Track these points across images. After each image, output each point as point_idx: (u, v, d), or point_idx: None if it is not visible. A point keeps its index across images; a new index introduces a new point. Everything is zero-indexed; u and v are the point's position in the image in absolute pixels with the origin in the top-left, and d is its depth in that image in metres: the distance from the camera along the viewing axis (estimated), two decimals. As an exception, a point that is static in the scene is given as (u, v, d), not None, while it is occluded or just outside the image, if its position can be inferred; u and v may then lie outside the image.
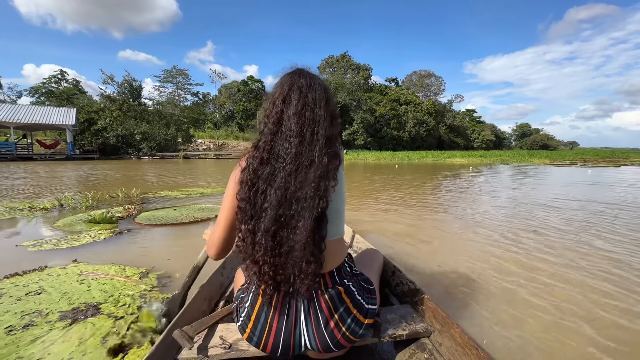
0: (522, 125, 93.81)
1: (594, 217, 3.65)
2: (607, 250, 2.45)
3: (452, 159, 21.95)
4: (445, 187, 6.79)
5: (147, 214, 3.65)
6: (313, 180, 0.79)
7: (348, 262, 1.01)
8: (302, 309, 0.87)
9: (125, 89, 30.47)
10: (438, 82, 56.48)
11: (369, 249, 1.52)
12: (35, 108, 23.15)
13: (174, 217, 3.50)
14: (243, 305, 0.93)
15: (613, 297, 1.68)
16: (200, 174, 10.21)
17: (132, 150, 26.26)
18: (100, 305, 1.54)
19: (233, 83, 46.54)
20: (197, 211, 3.83)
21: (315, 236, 0.80)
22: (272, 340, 0.87)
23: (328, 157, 0.82)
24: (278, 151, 0.82)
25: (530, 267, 2.11)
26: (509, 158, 21.77)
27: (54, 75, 34.87)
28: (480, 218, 3.63)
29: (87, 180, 8.00)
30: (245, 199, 0.82)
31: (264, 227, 0.80)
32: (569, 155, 24.73)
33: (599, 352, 1.25)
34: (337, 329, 0.88)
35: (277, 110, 0.84)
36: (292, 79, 0.87)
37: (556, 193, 5.73)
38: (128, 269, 2.00)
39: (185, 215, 3.55)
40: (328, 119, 0.86)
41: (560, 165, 15.82)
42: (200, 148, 32.73)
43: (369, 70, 45.55)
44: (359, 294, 0.94)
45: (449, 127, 53.72)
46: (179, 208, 4.03)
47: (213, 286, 1.37)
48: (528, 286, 1.82)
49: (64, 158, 20.95)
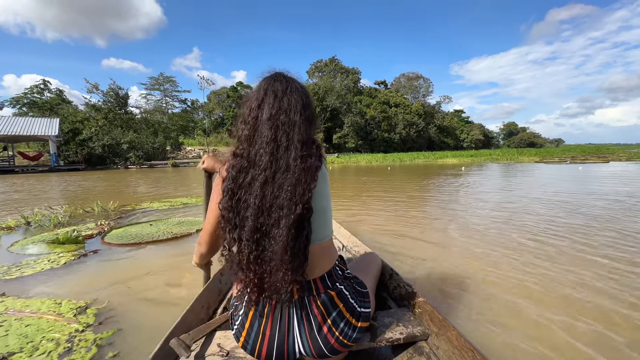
0: (509, 124, 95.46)
1: (596, 216, 3.52)
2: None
3: (444, 159, 22.01)
4: (440, 188, 6.64)
5: (120, 231, 3.33)
6: (289, 186, 0.78)
7: (339, 265, 1.00)
8: (295, 315, 0.87)
9: (111, 98, 29.86)
10: (426, 83, 57.00)
11: (367, 253, 1.53)
12: (15, 119, 22.38)
13: (149, 233, 3.21)
14: (237, 314, 0.92)
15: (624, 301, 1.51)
16: (187, 183, 9.86)
17: (119, 159, 25.63)
18: (10, 358, 1.24)
19: (222, 89, 46.12)
20: (176, 225, 3.54)
21: (294, 244, 0.79)
22: (266, 347, 0.86)
23: (303, 161, 0.80)
24: (255, 158, 0.81)
25: (535, 266, 1.93)
26: (499, 157, 21.95)
27: (36, 85, 33.89)
28: (478, 220, 3.46)
29: (66, 192, 7.60)
30: (228, 208, 0.82)
31: (246, 236, 0.79)
32: (557, 152, 25.13)
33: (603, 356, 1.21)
34: (330, 333, 0.87)
35: (253, 116, 0.83)
36: (268, 83, 0.86)
37: (556, 190, 5.63)
38: (65, 304, 1.70)
39: (162, 231, 3.27)
40: (305, 123, 0.84)
41: (550, 162, 15.97)
42: (190, 156, 32.15)
43: (358, 74, 45.79)
44: (351, 297, 0.93)
45: (438, 127, 54.20)
46: (157, 222, 3.73)
47: (211, 293, 1.35)
48: (536, 289, 1.70)
49: (47, 170, 20.24)
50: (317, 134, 0.93)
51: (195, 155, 32.03)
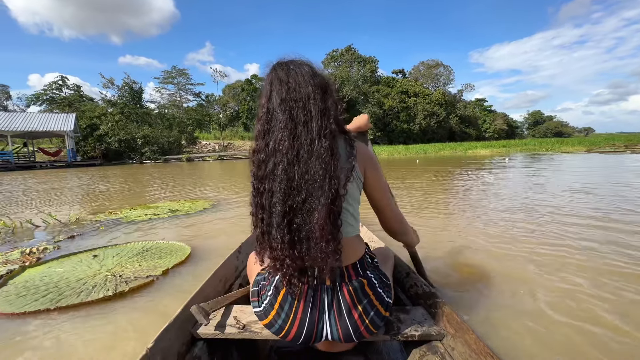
0: (534, 113, 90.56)
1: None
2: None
3: (474, 150, 20.39)
4: (507, 186, 5.45)
5: (36, 273, 1.99)
6: (318, 159, 0.77)
7: (369, 253, 1.00)
8: (326, 299, 0.86)
9: (126, 92, 29.67)
10: (447, 71, 54.27)
11: (381, 247, 1.48)
12: (32, 115, 22.41)
13: (80, 279, 1.86)
14: (265, 293, 0.91)
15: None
16: (194, 180, 8.96)
17: (134, 154, 25.41)
18: None
19: (237, 83, 45.44)
20: (135, 258, 2.18)
21: (331, 215, 0.78)
22: (296, 328, 0.86)
23: (329, 134, 0.79)
24: (274, 146, 0.79)
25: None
26: (536, 147, 20.07)
27: (54, 81, 34.14)
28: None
29: (52, 192, 6.88)
30: (254, 204, 0.83)
31: (276, 222, 0.79)
32: (600, 142, 22.75)
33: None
34: (360, 320, 0.87)
35: (265, 110, 0.83)
36: (271, 75, 0.85)
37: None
38: None
39: (100, 277, 1.88)
40: (319, 92, 0.82)
41: (606, 152, 14.11)
42: (206, 149, 31.74)
43: (375, 63, 43.92)
44: (379, 287, 0.93)
45: (460, 117, 51.68)
46: (106, 251, 2.36)
47: (228, 269, 1.41)
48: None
49: (64, 165, 20.11)
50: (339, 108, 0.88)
51: (210, 149, 31.62)
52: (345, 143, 0.86)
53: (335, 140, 0.81)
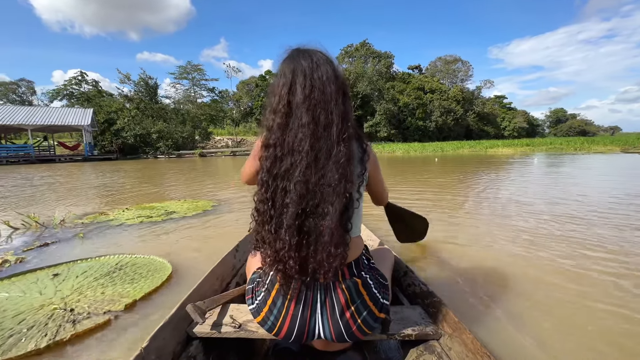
0: (556, 111, 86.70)
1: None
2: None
3: (495, 148, 19.39)
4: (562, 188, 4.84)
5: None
6: (335, 164, 0.76)
7: (365, 254, 0.99)
8: (319, 298, 0.85)
9: (142, 87, 29.98)
10: (465, 67, 52.36)
11: (380, 247, 1.47)
12: (51, 110, 22.86)
13: (14, 317, 1.40)
14: (259, 289, 0.91)
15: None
16: (201, 176, 8.69)
17: (149, 149, 25.66)
18: None
19: (251, 79, 45.31)
20: (99, 281, 1.75)
21: (343, 219, 0.78)
22: (287, 326, 0.84)
23: (347, 139, 0.78)
24: (292, 144, 0.76)
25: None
26: (563, 146, 18.87)
27: (74, 77, 34.93)
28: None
29: (56, 186, 6.71)
30: (263, 200, 0.80)
31: (287, 223, 0.76)
32: (633, 141, 21.19)
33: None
34: (352, 320, 0.85)
35: (284, 103, 0.78)
36: (292, 63, 0.80)
37: None
38: None
39: (45, 312, 1.44)
40: (341, 95, 0.80)
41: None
42: (219, 145, 31.79)
43: (390, 58, 42.84)
44: (375, 287, 0.91)
45: (477, 115, 49.86)
46: (72, 268, 1.96)
47: (226, 267, 1.38)
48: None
49: (81, 159, 20.44)
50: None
51: (223, 145, 31.62)
52: (358, 146, 0.85)
53: (351, 144, 0.80)
